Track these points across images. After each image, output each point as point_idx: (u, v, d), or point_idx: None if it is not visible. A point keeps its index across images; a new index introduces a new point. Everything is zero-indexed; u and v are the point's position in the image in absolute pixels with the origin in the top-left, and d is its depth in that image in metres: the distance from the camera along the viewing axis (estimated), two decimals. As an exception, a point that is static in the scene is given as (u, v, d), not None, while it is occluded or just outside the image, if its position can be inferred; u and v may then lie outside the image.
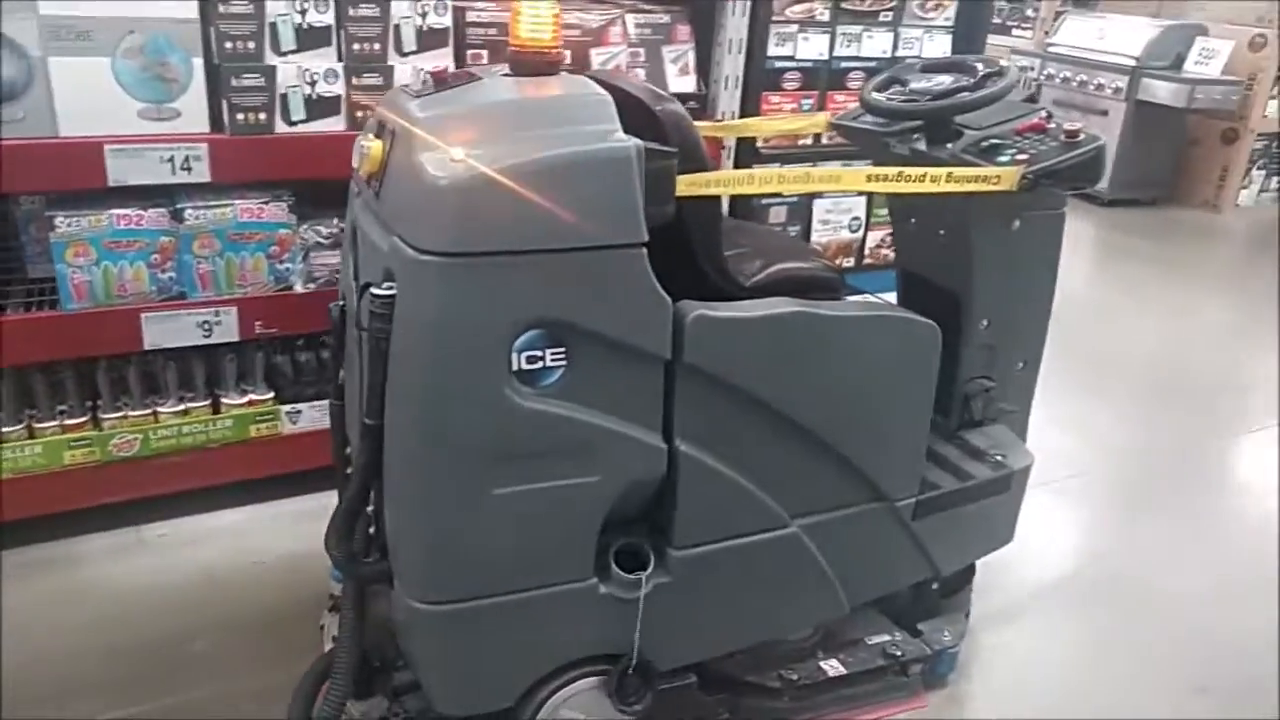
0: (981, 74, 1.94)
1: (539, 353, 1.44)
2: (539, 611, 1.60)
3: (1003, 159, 1.82)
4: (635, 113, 1.52)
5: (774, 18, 2.92)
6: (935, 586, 2.12)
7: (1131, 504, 3.01)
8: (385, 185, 1.53)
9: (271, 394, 2.55)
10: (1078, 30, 6.87)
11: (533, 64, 1.58)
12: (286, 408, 2.56)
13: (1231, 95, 6.18)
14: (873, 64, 3.12)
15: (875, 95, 2.04)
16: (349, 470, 1.71)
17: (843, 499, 1.83)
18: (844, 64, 3.11)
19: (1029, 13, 7.72)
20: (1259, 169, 6.69)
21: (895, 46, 3.17)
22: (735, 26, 2.79)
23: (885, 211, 3.07)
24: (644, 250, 1.45)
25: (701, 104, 2.80)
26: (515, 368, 1.43)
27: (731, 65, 2.83)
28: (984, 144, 1.89)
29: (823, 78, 3.08)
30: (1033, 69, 6.97)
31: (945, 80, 1.99)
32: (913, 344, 1.81)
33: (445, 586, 1.55)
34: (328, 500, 1.78)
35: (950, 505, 1.98)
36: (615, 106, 1.48)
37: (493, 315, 1.40)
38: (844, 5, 3.02)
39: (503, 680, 1.66)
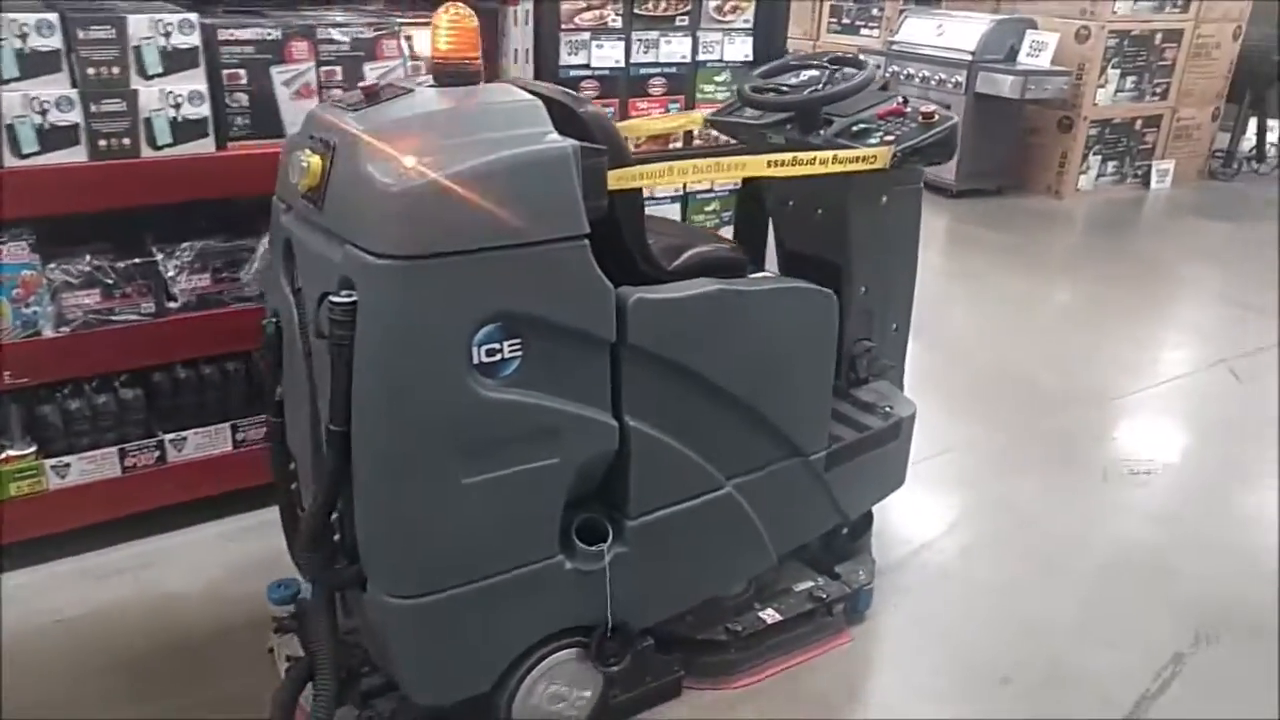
0: (844, 67, 2.19)
1: (497, 345, 1.56)
2: (510, 593, 1.71)
3: (872, 141, 2.05)
4: (559, 115, 1.64)
5: (563, 26, 2.86)
6: (845, 531, 2.35)
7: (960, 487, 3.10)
8: (329, 197, 1.58)
9: (33, 448, 2.37)
10: (918, 28, 7.04)
11: (456, 74, 1.67)
12: (52, 462, 2.38)
13: (1062, 85, 6.42)
14: (673, 69, 3.10)
15: (753, 91, 2.23)
16: (293, 484, 1.85)
17: (767, 457, 2.02)
18: (643, 70, 3.07)
19: (874, 12, 7.85)
20: (1095, 154, 6.95)
21: (695, 51, 3.15)
22: (520, 36, 2.73)
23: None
24: (586, 242, 1.58)
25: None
26: (476, 361, 1.54)
27: (520, 75, 2.76)
28: (853, 129, 2.11)
29: (622, 85, 3.04)
30: (879, 66, 7.10)
31: (812, 75, 2.23)
32: (816, 311, 2.01)
33: (421, 579, 1.64)
34: (113, 555, 1.70)
35: (854, 455, 2.19)
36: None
37: (453, 312, 1.51)
38: (637, 11, 2.98)
39: (480, 665, 1.76)
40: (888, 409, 2.30)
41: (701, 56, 3.17)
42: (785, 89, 2.26)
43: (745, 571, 2.17)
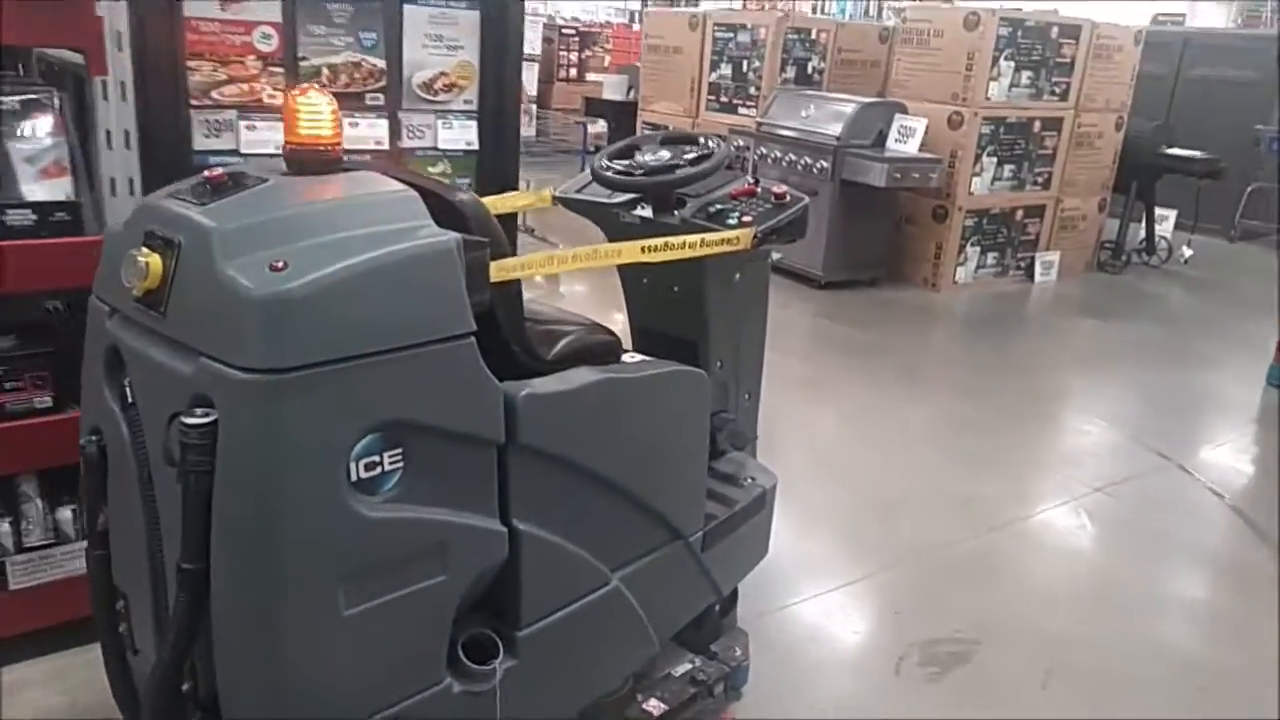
0: (699, 148, 2.18)
1: (377, 458, 1.41)
2: None
3: (731, 221, 2.08)
4: (431, 204, 1.51)
5: (196, 102, 2.24)
6: (716, 609, 2.28)
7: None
8: (174, 302, 1.40)
9: None
10: (788, 108, 6.63)
11: (312, 161, 1.55)
12: None
13: (931, 172, 5.99)
14: (367, 156, 2.49)
15: (608, 171, 2.18)
16: (120, 626, 1.66)
17: (650, 544, 1.95)
18: (323, 159, 2.46)
19: (752, 91, 7.46)
20: (973, 245, 6.53)
21: (396, 135, 2.55)
22: (114, 115, 2.09)
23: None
24: (473, 339, 1.48)
25: (75, 214, 2.08)
26: (354, 478, 1.39)
27: (121, 164, 2.13)
28: (711, 210, 2.14)
29: (290, 176, 2.42)
30: (749, 148, 6.68)
31: (665, 154, 2.19)
32: (691, 392, 1.99)
33: None
34: None
35: (728, 532, 2.16)
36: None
37: (330, 427, 1.36)
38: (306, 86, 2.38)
39: None
40: (751, 480, 2.30)
41: (408, 143, 2.58)
42: (637, 168, 2.19)
43: (632, 665, 2.05)
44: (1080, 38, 6.58)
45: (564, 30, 13.33)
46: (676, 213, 2.16)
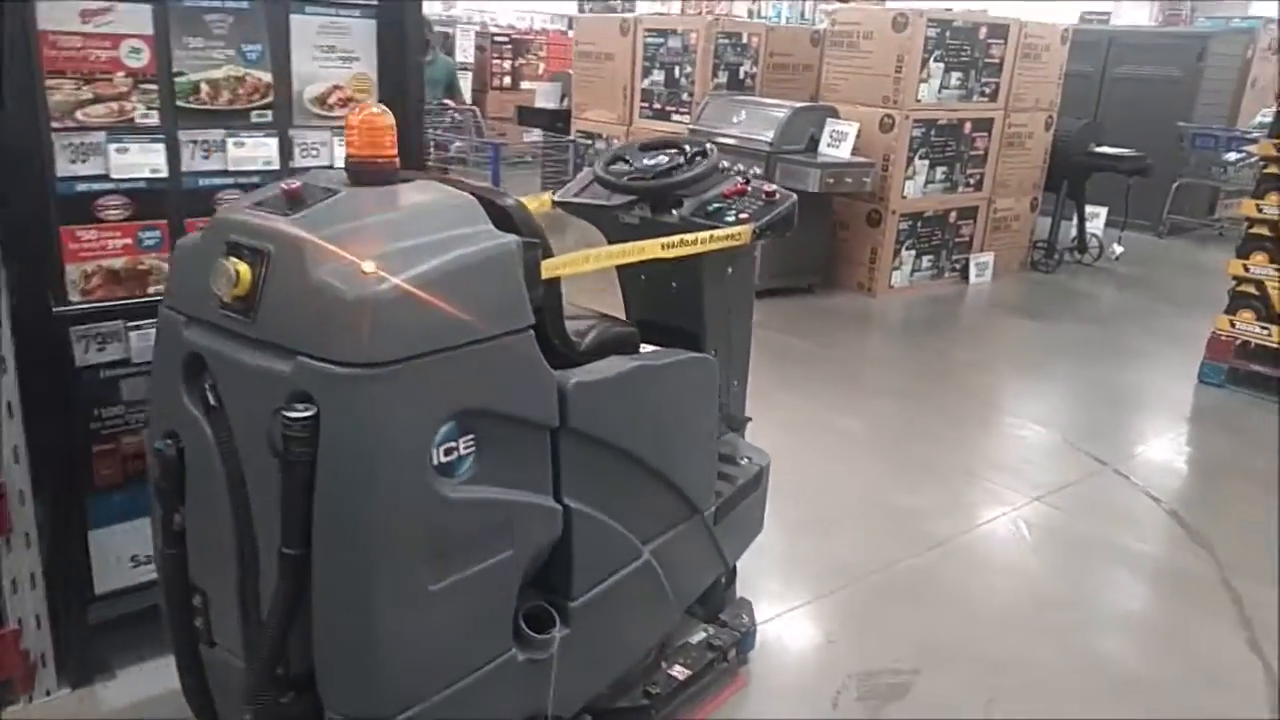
0: (693, 152, 2.33)
1: (454, 444, 1.54)
2: (470, 699, 1.64)
3: (729, 219, 2.23)
4: (485, 210, 1.66)
5: (56, 124, 2.06)
6: (724, 579, 2.47)
7: None
8: (266, 307, 1.50)
9: None
10: (720, 114, 6.54)
11: (373, 173, 1.66)
12: None
13: (864, 177, 5.94)
14: (255, 180, 2.32)
15: (609, 174, 2.33)
16: (197, 620, 1.72)
17: (673, 519, 2.10)
18: (205, 182, 2.28)
19: (684, 97, 7.36)
20: (908, 249, 6.50)
21: (288, 155, 2.38)
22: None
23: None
24: (532, 332, 1.63)
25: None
26: (436, 463, 1.51)
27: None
28: (709, 209, 2.28)
29: (171, 201, 2.24)
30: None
31: (662, 159, 2.35)
32: (704, 376, 2.17)
33: (389, 699, 1.55)
34: None
35: (732, 507, 2.32)
36: None
37: (420, 415, 1.49)
38: (184, 104, 2.21)
39: None
40: (748, 460, 2.46)
41: (302, 162, 2.41)
42: (638, 171, 2.34)
43: (659, 634, 2.24)
44: (1008, 38, 6.60)
45: (497, 38, 13.15)
46: (675, 212, 2.31)
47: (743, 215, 2.24)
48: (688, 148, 2.36)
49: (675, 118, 7.57)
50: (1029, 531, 3.40)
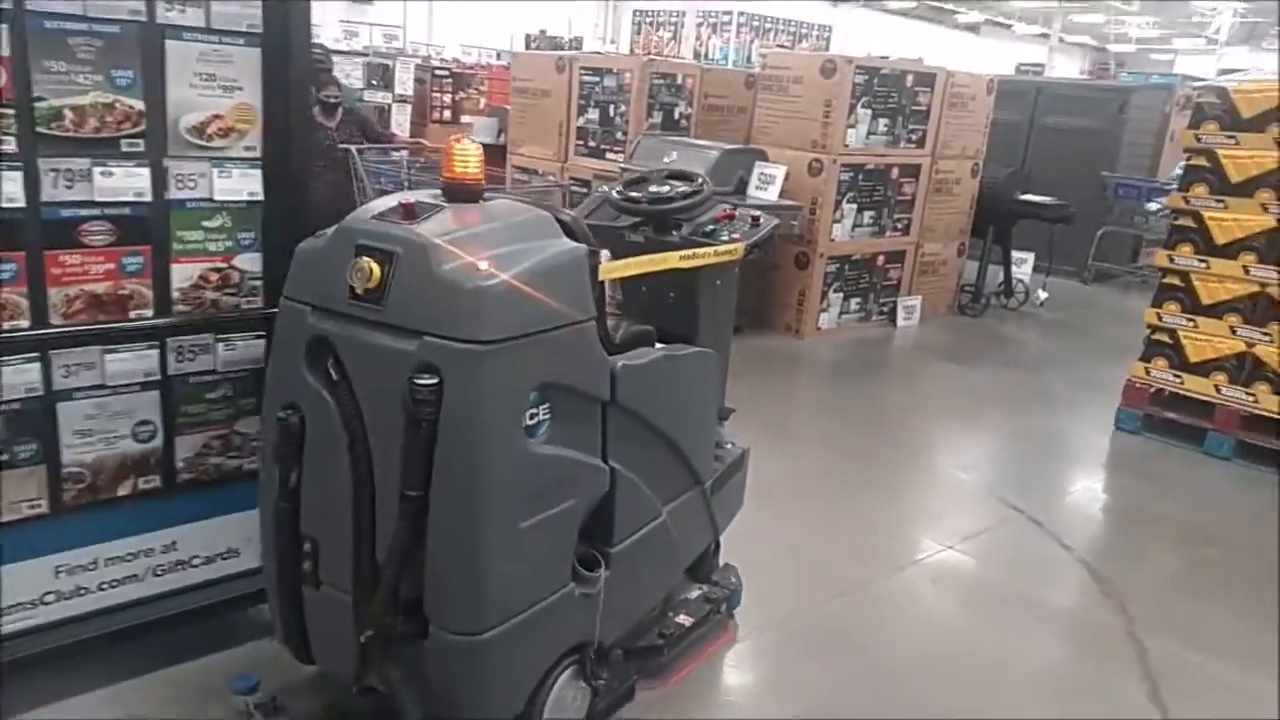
0: (695, 183, 2.78)
1: (536, 410, 1.95)
2: (542, 621, 2.05)
3: (724, 238, 2.70)
4: None
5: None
6: (712, 546, 2.86)
7: None
8: (393, 297, 1.87)
9: None
10: (651, 154, 6.51)
11: (464, 191, 2.06)
12: None
13: (792, 219, 5.96)
14: (124, 211, 2.21)
15: (622, 200, 2.78)
16: (306, 565, 2.07)
17: (683, 486, 2.51)
18: (68, 213, 2.16)
19: (619, 136, 7.35)
20: (836, 291, 6.52)
21: (161, 186, 2.27)
22: None
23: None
24: (594, 322, 2.06)
25: None
26: (524, 424, 1.92)
27: None
28: (705, 230, 2.75)
29: (28, 233, 2.11)
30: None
31: (664, 188, 2.78)
32: (710, 367, 2.59)
33: (487, 616, 1.94)
34: None
35: (724, 482, 2.74)
36: None
37: (518, 384, 1.90)
38: (44, 130, 2.09)
39: (521, 687, 2.08)
40: (732, 444, 2.90)
41: (178, 194, 2.30)
42: (646, 198, 2.78)
43: (670, 583, 2.67)
44: (935, 86, 6.71)
45: (437, 71, 13.09)
46: (675, 233, 2.76)
47: (734, 235, 2.71)
48: (688, 180, 2.82)
49: (610, 156, 7.55)
50: (940, 582, 3.36)
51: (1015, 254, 7.67)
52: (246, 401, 2.53)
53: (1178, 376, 4.86)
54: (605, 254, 2.14)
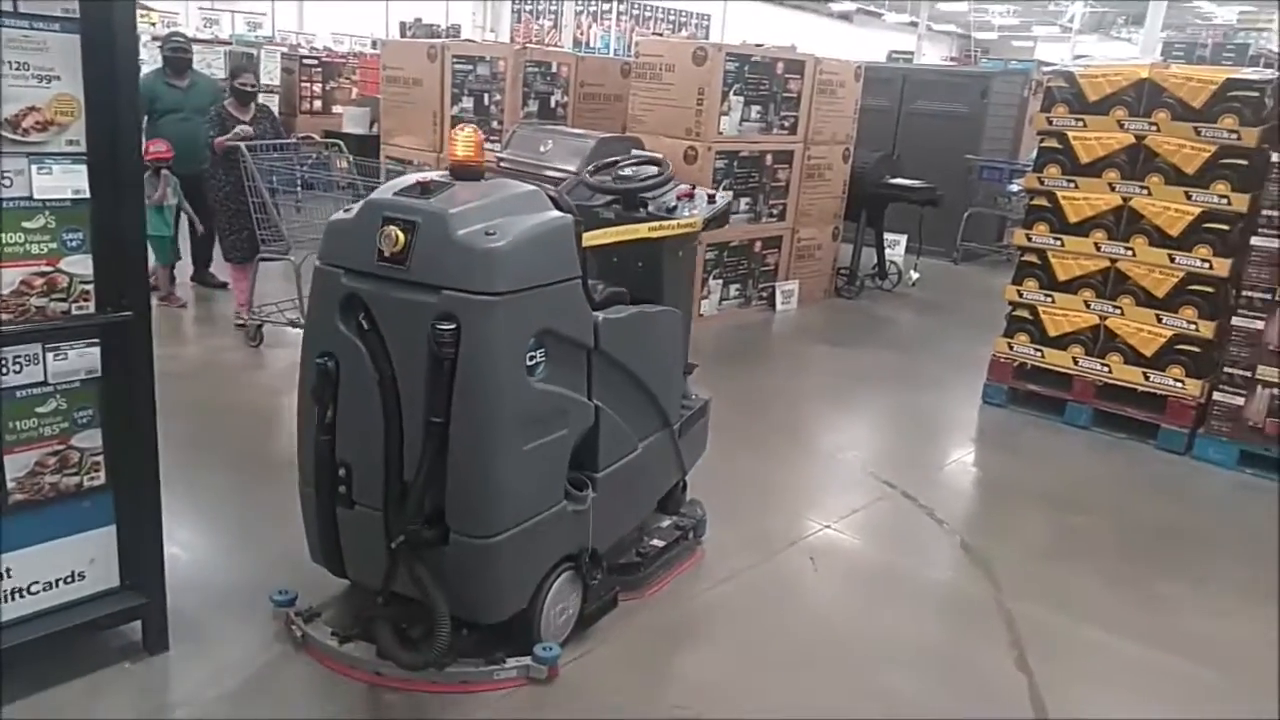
0: (660, 166, 3.24)
1: (534, 353, 2.39)
2: (542, 530, 2.50)
3: (684, 214, 3.12)
4: None
5: None
6: (681, 484, 3.33)
7: None
8: (416, 258, 2.28)
9: None
10: (527, 143, 6.43)
11: (469, 171, 2.48)
12: None
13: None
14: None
15: (596, 181, 3.24)
16: (341, 488, 2.47)
17: (655, 426, 2.98)
18: None
19: (495, 125, 7.21)
20: (715, 278, 6.57)
21: (-27, 181, 2.09)
22: None
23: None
24: (580, 281, 2.49)
25: None
26: (526, 364, 2.36)
27: None
28: (667, 207, 3.16)
29: None
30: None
31: (631, 171, 3.29)
32: (676, 324, 3.06)
33: (498, 522, 2.38)
34: None
35: (690, 426, 3.22)
36: None
37: (524, 329, 2.35)
38: None
39: (526, 585, 2.53)
40: (696, 395, 3.38)
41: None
42: (618, 179, 3.24)
43: (646, 509, 3.13)
44: (805, 73, 6.81)
45: (305, 60, 12.64)
46: (642, 209, 3.14)
47: (694, 211, 3.11)
48: (652, 165, 3.27)
49: (486, 145, 7.42)
50: (818, 561, 3.41)
51: (887, 236, 7.88)
52: (84, 414, 2.36)
53: (1038, 350, 5.07)
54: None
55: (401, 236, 2.27)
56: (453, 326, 2.20)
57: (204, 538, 3.38)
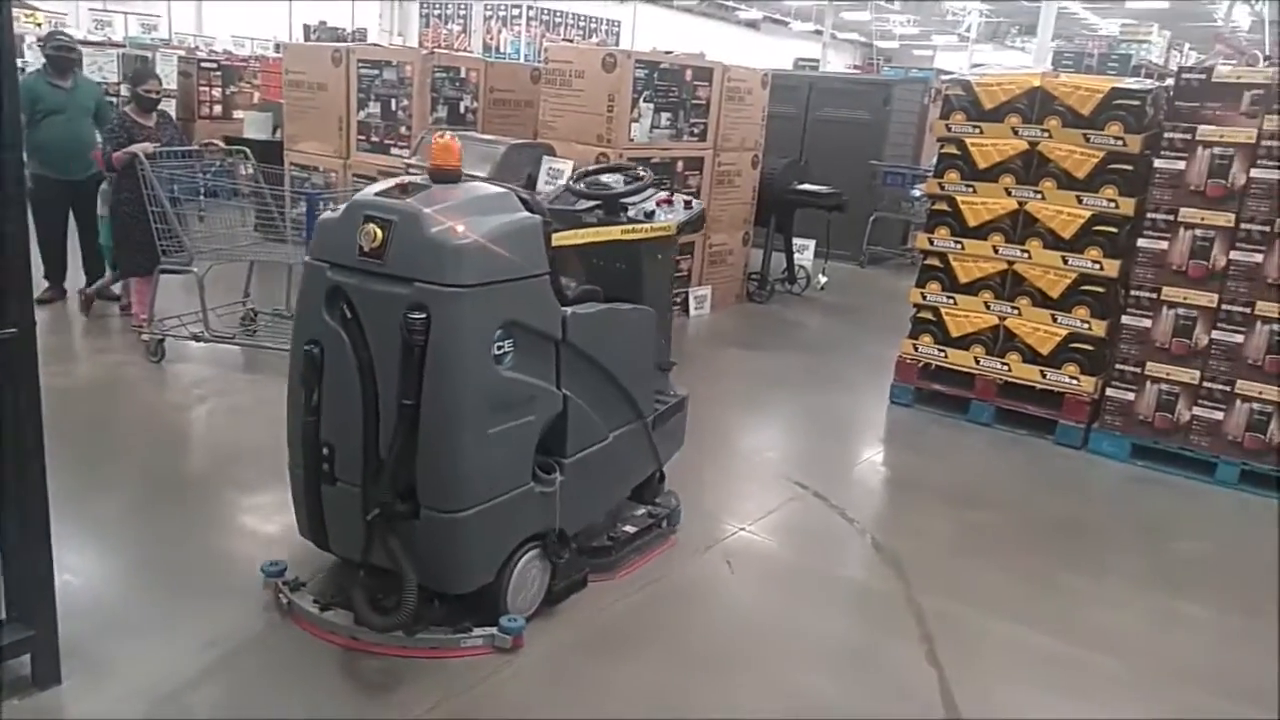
0: (636, 173, 3.41)
1: (502, 343, 2.58)
2: (509, 508, 2.69)
3: (661, 218, 3.33)
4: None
5: None
6: (658, 475, 3.54)
7: None
8: (392, 253, 2.49)
9: None
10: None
11: (446, 175, 2.66)
12: None
13: (581, 214, 5.94)
14: None
15: (579, 188, 3.41)
16: (325, 465, 2.67)
17: (627, 418, 3.16)
18: None
19: (403, 130, 7.11)
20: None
21: None
22: None
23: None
24: (548, 277, 2.68)
25: None
26: (494, 353, 2.55)
27: None
28: (646, 212, 3.35)
29: None
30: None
31: (613, 179, 3.44)
32: (648, 322, 3.21)
33: (466, 497, 2.58)
34: None
35: (665, 420, 3.41)
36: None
37: (488, 320, 2.54)
38: None
39: (492, 560, 2.72)
40: (675, 390, 3.56)
41: None
42: (599, 186, 3.38)
43: (617, 497, 3.32)
44: (713, 80, 6.88)
45: (204, 64, 12.24)
46: (623, 214, 3.30)
47: (670, 216, 3.32)
48: (633, 172, 3.43)
49: (394, 151, 7.31)
50: (734, 564, 3.45)
51: (796, 241, 8.02)
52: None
53: (942, 351, 5.23)
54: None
55: (380, 233, 2.47)
56: (423, 316, 2.39)
57: (100, 562, 3.23)
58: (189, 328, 5.22)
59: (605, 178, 3.46)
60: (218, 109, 12.07)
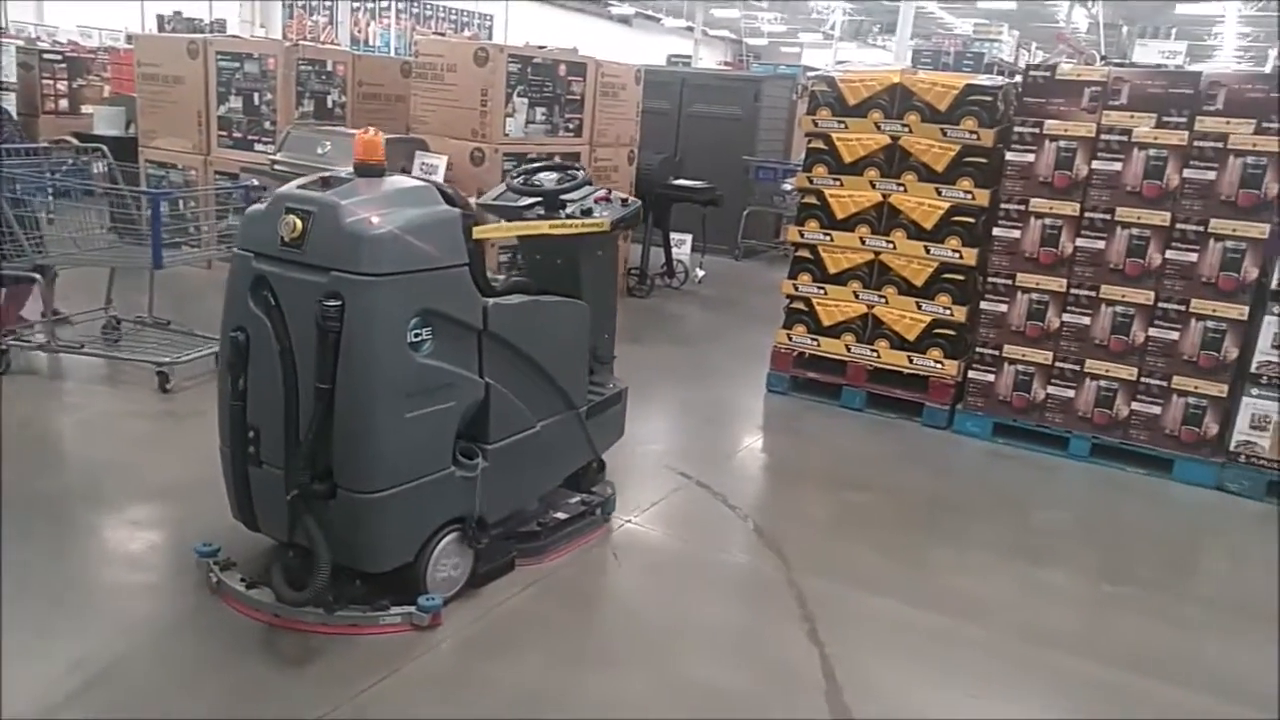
0: (573, 171, 3.51)
1: (420, 331, 2.66)
2: (427, 491, 2.78)
3: (598, 215, 3.31)
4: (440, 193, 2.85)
5: None
6: (595, 464, 3.68)
7: None
8: (310, 243, 2.58)
9: None
10: (303, 145, 6.23)
11: (369, 169, 2.74)
12: None
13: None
14: None
15: (519, 185, 3.44)
16: (252, 449, 2.77)
17: (556, 408, 3.25)
18: None
19: (267, 126, 6.87)
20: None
21: None
22: None
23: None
24: (467, 268, 2.76)
25: None
26: (409, 341, 2.63)
27: None
28: (584, 208, 3.35)
29: None
30: (265, 189, 6.07)
31: (554, 176, 3.49)
32: (581, 315, 3.32)
33: (382, 479, 2.66)
34: None
35: (601, 411, 3.52)
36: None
37: (403, 308, 2.60)
38: None
39: (410, 540, 2.81)
40: (613, 384, 3.69)
41: None
42: (539, 183, 3.44)
43: (548, 485, 3.44)
44: (587, 75, 6.90)
45: (46, 55, 11.51)
46: (562, 211, 3.33)
47: (605, 213, 3.33)
48: (571, 171, 3.51)
49: (258, 147, 7.07)
50: (622, 554, 3.48)
51: (674, 236, 8.11)
52: None
53: (814, 340, 5.39)
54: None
55: (299, 224, 2.56)
56: (338, 303, 2.48)
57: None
58: (36, 336, 4.91)
59: (544, 175, 3.52)
60: (64, 103, 11.38)
